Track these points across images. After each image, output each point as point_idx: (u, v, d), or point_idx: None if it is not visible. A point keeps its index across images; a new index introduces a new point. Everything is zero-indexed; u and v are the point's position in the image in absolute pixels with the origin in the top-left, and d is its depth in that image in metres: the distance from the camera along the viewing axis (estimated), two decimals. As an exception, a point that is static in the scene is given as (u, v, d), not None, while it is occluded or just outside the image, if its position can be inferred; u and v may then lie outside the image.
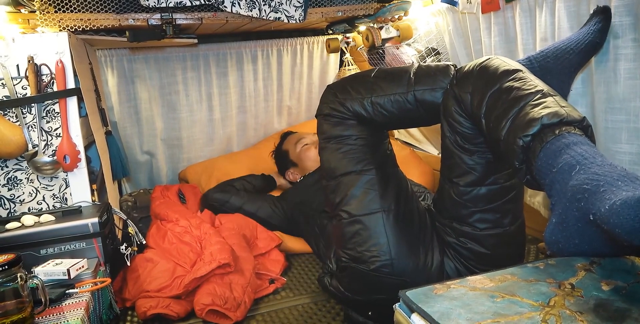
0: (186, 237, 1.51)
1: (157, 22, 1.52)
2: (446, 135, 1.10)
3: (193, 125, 2.36)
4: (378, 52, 1.82)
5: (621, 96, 1.09)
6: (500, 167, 1.08)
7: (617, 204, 0.59)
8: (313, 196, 1.71)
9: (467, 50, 1.63)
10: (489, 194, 1.09)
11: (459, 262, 1.16)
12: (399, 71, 1.21)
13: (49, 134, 1.38)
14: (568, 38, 1.13)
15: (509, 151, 0.85)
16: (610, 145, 1.14)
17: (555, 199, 0.73)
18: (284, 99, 2.53)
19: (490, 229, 1.12)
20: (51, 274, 1.09)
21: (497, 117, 0.91)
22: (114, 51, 2.14)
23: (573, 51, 1.10)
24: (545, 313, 0.60)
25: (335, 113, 1.23)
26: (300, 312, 1.36)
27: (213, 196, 1.86)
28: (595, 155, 0.72)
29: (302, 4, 1.56)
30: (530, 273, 0.71)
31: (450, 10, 1.63)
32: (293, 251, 1.73)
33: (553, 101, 0.85)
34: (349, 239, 1.19)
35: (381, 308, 1.17)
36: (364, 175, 1.20)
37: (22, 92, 1.34)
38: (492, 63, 1.02)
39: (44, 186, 1.39)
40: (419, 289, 0.69)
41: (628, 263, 0.73)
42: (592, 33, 1.08)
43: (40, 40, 1.35)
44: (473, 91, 1.02)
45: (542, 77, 1.04)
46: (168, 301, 1.33)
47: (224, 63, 2.33)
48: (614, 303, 0.62)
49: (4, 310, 0.89)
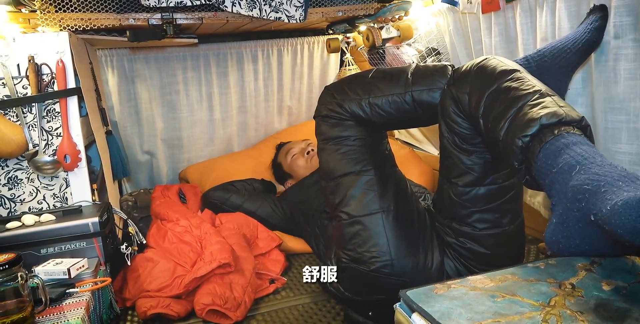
0: (186, 237, 1.51)
1: (158, 21, 1.52)
2: (444, 135, 1.10)
3: (193, 125, 2.36)
4: (378, 52, 1.82)
5: (621, 96, 1.09)
6: (498, 167, 1.08)
7: (618, 204, 0.59)
8: (313, 196, 1.72)
9: (468, 51, 1.63)
10: (488, 194, 1.09)
11: (459, 262, 1.16)
12: (396, 72, 1.21)
13: (49, 133, 1.38)
14: (565, 37, 1.13)
15: (508, 152, 0.85)
16: (610, 145, 1.14)
17: (555, 200, 0.73)
18: (284, 99, 2.53)
19: (489, 229, 1.12)
20: (51, 273, 1.09)
21: (496, 117, 0.91)
22: (114, 51, 2.14)
23: (570, 50, 1.10)
24: (546, 313, 0.60)
25: (333, 114, 1.23)
26: (300, 312, 1.36)
27: (214, 193, 1.87)
28: (594, 155, 0.72)
29: (303, 4, 1.56)
30: (530, 273, 0.71)
31: (450, 10, 1.63)
32: (293, 251, 1.73)
33: (551, 100, 0.85)
34: (348, 240, 1.19)
35: (381, 308, 1.17)
36: (363, 176, 1.20)
37: (23, 91, 1.34)
38: (490, 63, 1.02)
39: (44, 185, 1.39)
40: (419, 288, 0.69)
41: (629, 262, 0.73)
42: (589, 32, 1.08)
43: (40, 39, 1.35)
44: (470, 91, 1.01)
45: (539, 76, 1.04)
46: (168, 300, 1.33)
47: (224, 63, 2.33)
48: (614, 303, 0.62)
49: (5, 309, 0.89)
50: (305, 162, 1.97)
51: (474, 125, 1.02)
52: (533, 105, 0.85)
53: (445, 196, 1.14)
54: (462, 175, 1.09)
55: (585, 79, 1.21)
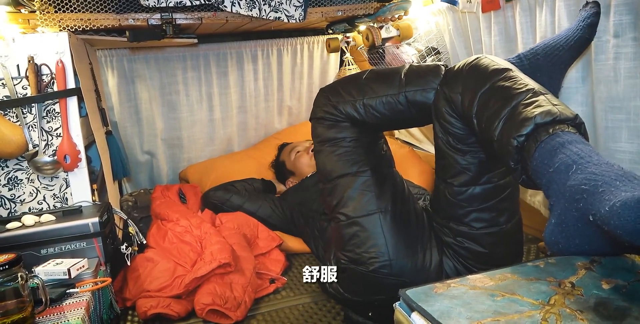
0: (186, 237, 1.51)
1: (157, 22, 1.52)
2: (438, 136, 1.10)
3: (193, 125, 2.36)
4: (378, 52, 1.82)
5: (621, 95, 1.09)
6: (493, 166, 1.07)
7: (617, 205, 0.59)
8: (312, 198, 1.72)
9: (468, 50, 1.63)
10: (484, 193, 1.09)
11: (458, 261, 1.16)
12: (390, 72, 1.21)
13: (49, 134, 1.38)
14: (558, 35, 1.13)
15: (504, 152, 0.85)
16: (610, 144, 1.14)
17: (553, 200, 0.73)
18: (284, 98, 2.53)
19: (486, 228, 1.11)
20: (52, 273, 1.09)
21: (489, 117, 0.91)
22: (114, 51, 2.14)
23: (563, 48, 1.09)
24: (546, 312, 0.59)
25: (329, 116, 1.23)
26: (300, 312, 1.36)
27: (214, 194, 1.87)
28: (590, 153, 0.72)
29: (302, 4, 1.56)
30: (530, 272, 0.71)
31: (450, 9, 1.63)
32: (294, 250, 1.73)
33: (545, 99, 0.85)
34: (347, 241, 1.19)
35: (381, 308, 1.17)
36: (360, 177, 1.20)
37: (23, 92, 1.35)
38: (482, 62, 1.02)
39: (44, 185, 1.40)
40: (419, 288, 0.69)
41: (628, 261, 0.73)
42: (582, 29, 1.08)
43: (40, 40, 1.35)
44: (463, 91, 1.01)
45: (532, 74, 1.03)
46: (168, 300, 1.33)
47: (224, 63, 2.33)
48: (614, 302, 0.62)
49: (5, 310, 0.89)
50: (309, 160, 1.97)
51: (468, 125, 1.01)
52: (527, 104, 0.85)
53: (442, 196, 1.14)
54: (457, 175, 1.09)
55: (585, 77, 1.21)
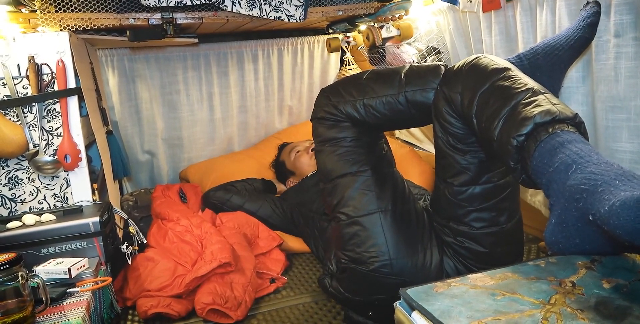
0: (187, 237, 1.51)
1: (158, 21, 1.52)
2: (438, 136, 1.10)
3: (194, 124, 2.36)
4: (379, 52, 1.82)
5: (622, 95, 1.09)
6: (493, 166, 1.07)
7: (616, 205, 0.59)
8: (313, 198, 1.72)
9: (468, 50, 1.63)
10: (484, 193, 1.09)
11: (458, 261, 1.16)
12: (390, 73, 1.21)
13: (49, 133, 1.38)
14: (558, 34, 1.13)
15: (503, 151, 0.85)
16: (610, 144, 1.14)
17: (553, 200, 0.73)
18: (285, 98, 2.53)
19: (487, 227, 1.11)
20: (52, 273, 1.09)
21: (489, 117, 0.91)
22: (114, 51, 2.15)
23: (562, 47, 1.09)
24: (546, 311, 0.59)
25: (329, 116, 1.23)
26: (301, 311, 1.36)
27: (215, 194, 1.87)
28: (590, 153, 0.72)
29: (303, 3, 1.56)
30: (531, 271, 0.71)
31: (451, 9, 1.63)
32: (294, 250, 1.73)
33: (544, 98, 0.85)
34: (347, 241, 1.19)
35: (381, 308, 1.17)
36: (360, 176, 1.20)
37: (23, 91, 1.35)
38: (481, 62, 1.02)
39: (44, 185, 1.40)
40: (419, 287, 0.69)
41: (629, 261, 0.73)
42: (582, 28, 1.08)
43: (41, 39, 1.35)
44: (463, 90, 1.01)
45: (532, 74, 1.03)
46: (169, 300, 1.33)
47: (224, 62, 2.33)
48: (614, 301, 0.62)
49: (5, 309, 0.89)
50: (309, 159, 1.98)
51: (468, 125, 1.01)
52: (526, 103, 0.85)
53: (442, 196, 1.14)
54: (457, 175, 1.09)
55: (585, 77, 1.20)
